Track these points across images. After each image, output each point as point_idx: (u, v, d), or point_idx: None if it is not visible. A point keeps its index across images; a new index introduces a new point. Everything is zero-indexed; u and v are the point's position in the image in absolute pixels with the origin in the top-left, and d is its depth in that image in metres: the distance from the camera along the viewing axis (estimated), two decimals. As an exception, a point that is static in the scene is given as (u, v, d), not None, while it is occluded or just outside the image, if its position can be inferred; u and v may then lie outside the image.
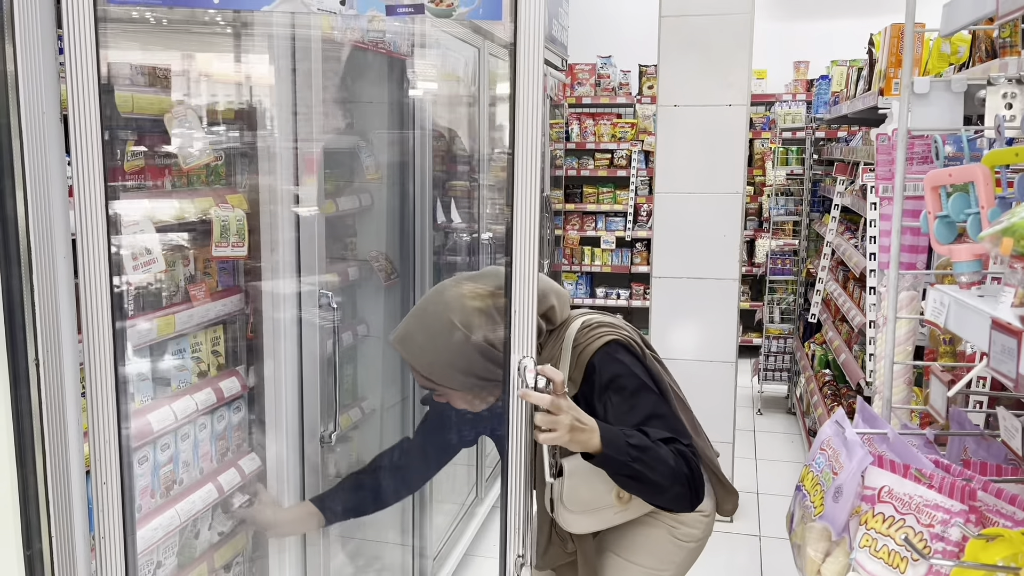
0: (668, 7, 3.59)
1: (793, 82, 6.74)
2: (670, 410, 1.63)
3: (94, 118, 1.28)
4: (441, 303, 1.61)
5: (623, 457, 1.45)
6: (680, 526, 1.75)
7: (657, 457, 1.48)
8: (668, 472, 1.49)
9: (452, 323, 1.58)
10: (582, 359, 1.60)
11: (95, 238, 1.30)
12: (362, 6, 1.19)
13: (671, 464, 1.50)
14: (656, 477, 1.49)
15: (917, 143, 1.64)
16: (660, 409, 1.60)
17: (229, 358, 2.02)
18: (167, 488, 1.78)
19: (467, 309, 1.59)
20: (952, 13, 1.36)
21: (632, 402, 1.58)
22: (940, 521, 1.20)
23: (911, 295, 1.69)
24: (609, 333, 1.63)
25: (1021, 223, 1.06)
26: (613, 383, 1.59)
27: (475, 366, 1.59)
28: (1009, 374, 1.02)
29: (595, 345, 1.61)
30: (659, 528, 1.74)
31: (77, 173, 1.26)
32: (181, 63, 1.84)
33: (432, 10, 1.18)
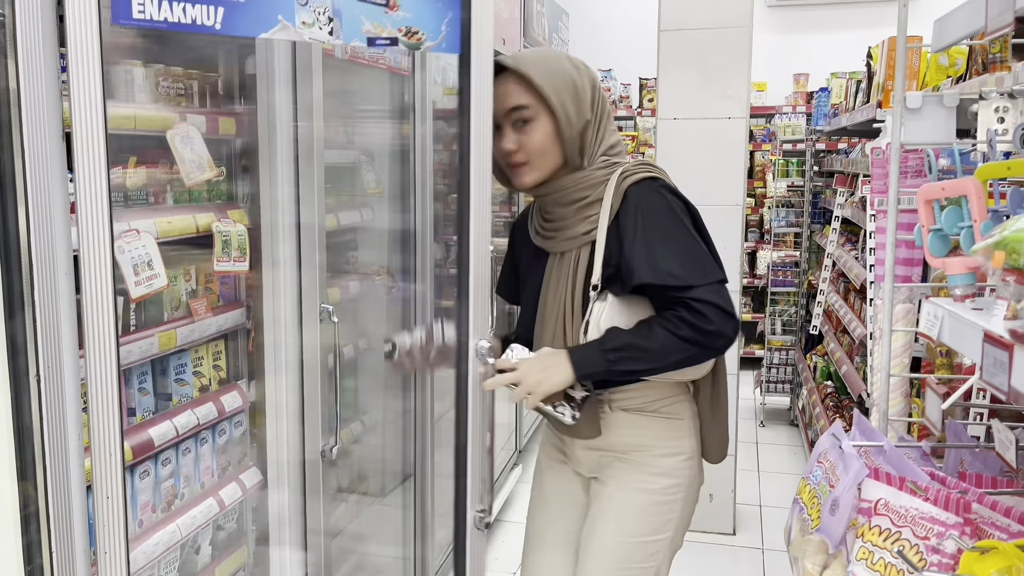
0: (667, 21, 3.61)
1: (793, 94, 6.77)
2: (703, 251, 1.62)
3: (97, 136, 1.29)
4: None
5: (601, 368, 1.54)
6: (659, 478, 1.70)
7: (639, 347, 1.53)
8: (660, 351, 1.53)
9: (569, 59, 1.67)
10: (622, 185, 1.62)
11: (98, 254, 1.31)
12: (348, 37, 1.36)
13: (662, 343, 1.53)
14: (650, 362, 1.55)
15: (911, 157, 1.65)
16: (691, 247, 1.59)
17: (230, 372, 2.04)
18: (168, 503, 1.79)
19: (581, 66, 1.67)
20: (943, 29, 1.37)
21: (662, 230, 1.58)
22: (936, 534, 1.21)
23: (907, 308, 1.70)
24: (660, 176, 1.66)
25: (1013, 237, 1.07)
26: (647, 208, 1.59)
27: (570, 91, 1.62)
28: (1001, 387, 1.02)
29: (640, 175, 1.63)
30: (640, 494, 1.71)
31: (80, 190, 1.28)
32: (183, 79, 1.86)
33: (405, 43, 1.38)
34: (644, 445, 1.70)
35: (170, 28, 1.28)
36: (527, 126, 1.62)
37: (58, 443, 1.31)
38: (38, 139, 1.25)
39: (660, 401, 1.70)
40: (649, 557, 1.71)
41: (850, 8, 6.78)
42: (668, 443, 1.71)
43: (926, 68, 2.90)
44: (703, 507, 3.75)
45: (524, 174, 1.65)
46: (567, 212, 1.67)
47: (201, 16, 1.28)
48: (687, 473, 1.73)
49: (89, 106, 1.27)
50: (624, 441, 1.70)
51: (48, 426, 1.29)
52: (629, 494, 1.71)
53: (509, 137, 1.63)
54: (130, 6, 1.24)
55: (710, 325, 1.53)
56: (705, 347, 1.55)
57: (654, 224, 1.58)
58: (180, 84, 1.84)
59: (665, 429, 1.71)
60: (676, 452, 1.71)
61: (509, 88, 1.62)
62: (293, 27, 1.34)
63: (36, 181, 1.26)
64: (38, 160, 1.26)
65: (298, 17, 1.33)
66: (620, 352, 1.53)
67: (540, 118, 1.61)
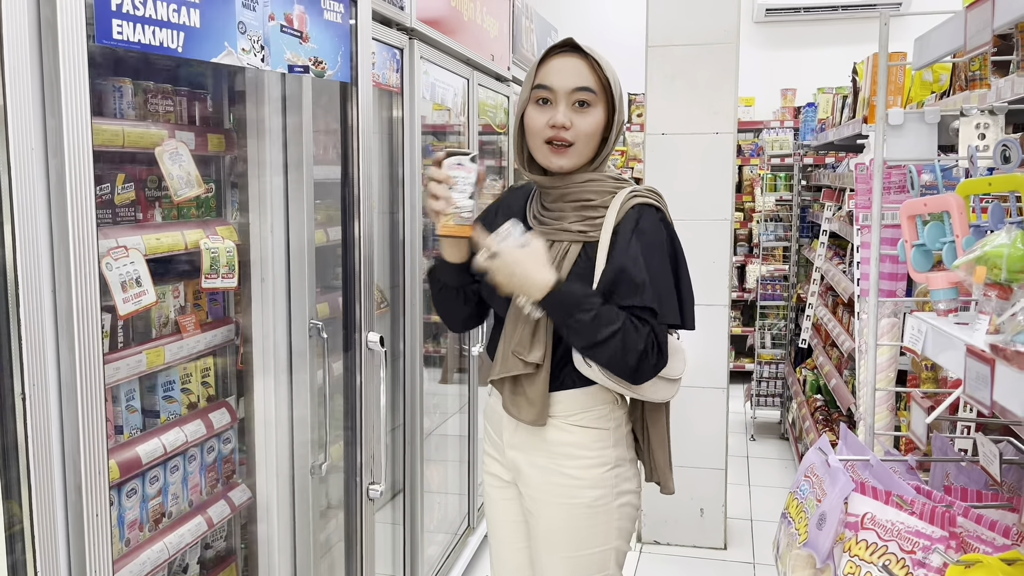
0: (654, 37, 3.64)
1: (780, 109, 6.83)
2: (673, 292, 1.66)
3: (84, 153, 1.30)
4: None
5: (560, 320, 1.61)
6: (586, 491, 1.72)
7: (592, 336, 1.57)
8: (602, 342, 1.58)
9: None
10: (628, 203, 1.66)
11: (85, 272, 1.31)
12: (275, 64, 1.55)
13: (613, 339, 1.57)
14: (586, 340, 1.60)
15: (894, 173, 1.67)
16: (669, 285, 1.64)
17: (219, 389, 2.03)
18: (156, 521, 1.78)
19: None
20: (923, 47, 1.40)
21: (651, 258, 1.62)
22: (922, 548, 1.22)
23: (892, 322, 1.71)
24: (664, 208, 1.71)
25: (994, 252, 1.09)
26: (643, 235, 1.64)
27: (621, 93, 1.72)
28: (983, 401, 1.03)
29: (647, 200, 1.67)
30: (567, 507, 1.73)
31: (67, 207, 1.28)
32: (172, 96, 1.87)
33: (313, 71, 1.63)
34: (568, 454, 1.72)
35: (143, 49, 1.36)
36: (585, 109, 1.65)
37: (43, 462, 1.30)
38: (24, 156, 1.25)
39: (585, 412, 1.72)
40: (600, 567, 1.75)
41: (836, 24, 6.86)
42: (591, 453, 1.72)
43: (910, 84, 2.93)
44: (694, 521, 3.78)
45: (564, 156, 1.67)
46: (567, 208, 1.70)
47: (167, 39, 1.39)
48: (613, 482, 1.74)
49: (75, 124, 1.28)
50: (549, 448, 1.73)
51: (34, 445, 1.29)
52: (557, 509, 1.73)
53: (565, 113, 1.64)
54: (110, 27, 1.31)
55: (649, 356, 1.60)
56: (636, 369, 1.61)
57: (645, 250, 1.63)
58: (169, 101, 1.85)
59: (589, 439, 1.72)
60: (600, 463, 1.72)
61: (581, 68, 1.65)
62: (236, 53, 1.48)
63: (22, 199, 1.25)
64: (24, 177, 1.26)
65: (239, 44, 1.48)
66: (579, 324, 1.58)
67: (598, 107, 1.66)
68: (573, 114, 1.65)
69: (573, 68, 1.65)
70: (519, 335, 1.70)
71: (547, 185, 1.72)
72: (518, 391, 1.72)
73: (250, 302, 2.03)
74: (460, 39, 3.06)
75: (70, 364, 1.32)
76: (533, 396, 1.69)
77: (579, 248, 1.69)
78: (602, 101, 1.66)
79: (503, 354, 1.73)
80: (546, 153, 1.67)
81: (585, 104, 1.65)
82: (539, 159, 1.70)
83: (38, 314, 1.28)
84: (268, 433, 2.08)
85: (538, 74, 1.68)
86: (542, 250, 1.63)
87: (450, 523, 3.36)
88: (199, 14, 1.45)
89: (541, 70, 1.68)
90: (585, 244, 1.69)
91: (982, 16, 1.14)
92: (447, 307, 1.88)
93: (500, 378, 1.74)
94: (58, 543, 1.34)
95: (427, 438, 2.89)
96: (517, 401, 1.72)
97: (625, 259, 1.62)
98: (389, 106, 2.63)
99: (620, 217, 1.66)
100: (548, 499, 1.75)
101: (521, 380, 1.71)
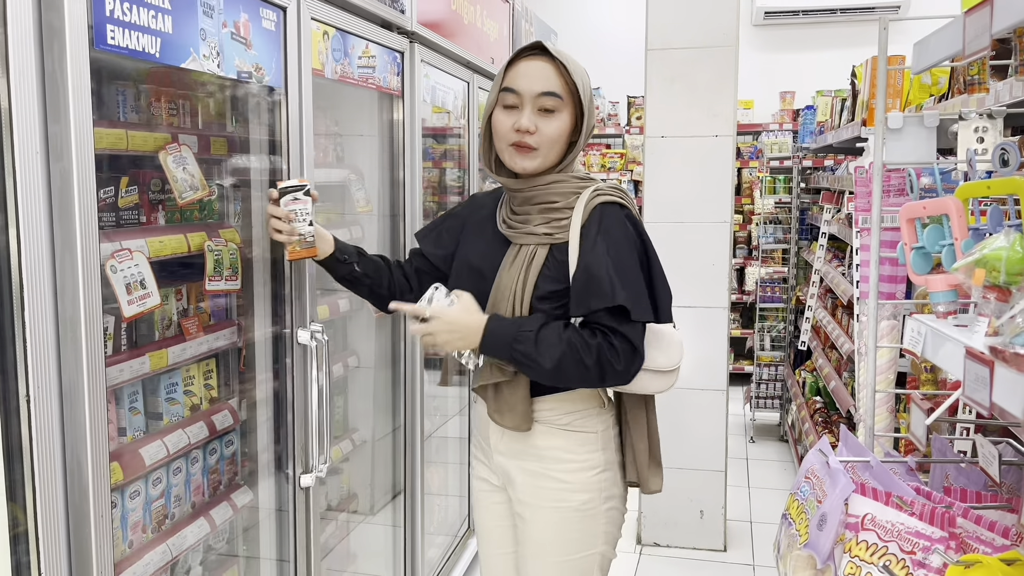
0: (654, 40, 3.66)
1: (780, 112, 6.84)
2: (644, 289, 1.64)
3: (87, 157, 1.31)
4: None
5: (504, 357, 1.63)
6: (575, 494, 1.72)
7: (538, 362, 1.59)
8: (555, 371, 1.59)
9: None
10: (592, 203, 1.66)
11: (89, 275, 1.32)
12: (227, 70, 1.66)
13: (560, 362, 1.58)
14: (544, 378, 1.63)
15: (893, 176, 1.68)
16: (636, 282, 1.62)
17: (221, 391, 2.04)
18: (158, 523, 1.78)
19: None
20: (922, 52, 1.41)
21: (619, 257, 1.61)
22: (921, 548, 1.22)
23: (891, 324, 1.72)
24: (628, 204, 1.69)
25: (993, 255, 1.10)
26: (607, 233, 1.62)
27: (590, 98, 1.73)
28: (982, 402, 1.04)
29: (611, 199, 1.66)
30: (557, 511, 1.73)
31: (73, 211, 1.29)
32: (176, 99, 1.88)
33: (255, 76, 1.74)
34: (556, 458, 1.73)
35: (131, 54, 1.41)
36: (550, 115, 1.66)
37: (48, 464, 1.31)
38: (29, 160, 1.26)
39: (570, 415, 1.73)
40: (586, 572, 1.75)
41: (835, 27, 6.87)
42: (579, 457, 1.73)
43: (909, 87, 2.95)
44: (694, 523, 3.79)
45: (528, 159, 1.67)
46: (532, 210, 1.71)
47: (148, 45, 1.44)
48: (601, 486, 1.74)
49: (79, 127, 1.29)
50: (538, 452, 1.74)
51: (38, 447, 1.30)
52: (547, 513, 1.74)
53: (530, 117, 1.65)
54: (105, 33, 1.35)
55: (618, 364, 1.60)
56: (601, 380, 1.61)
57: (611, 250, 1.62)
58: (173, 104, 1.86)
59: (576, 443, 1.73)
60: (589, 466, 1.72)
61: (548, 73, 1.65)
62: (199, 59, 1.57)
63: (27, 202, 1.26)
64: (29, 180, 1.26)
65: (201, 51, 1.57)
66: (524, 356, 1.60)
67: (564, 112, 1.66)
68: (538, 119, 1.65)
69: (540, 72, 1.65)
70: None
71: (513, 188, 1.72)
72: (500, 398, 1.73)
73: (252, 304, 2.04)
74: (460, 42, 3.07)
75: (74, 366, 1.33)
76: (514, 402, 1.70)
77: (546, 251, 1.68)
78: (569, 105, 1.66)
79: (486, 362, 1.74)
80: (511, 155, 1.68)
81: (549, 110, 1.65)
82: (505, 161, 1.71)
83: (43, 316, 1.29)
84: (269, 434, 2.09)
85: (506, 77, 1.68)
86: (470, 300, 1.67)
87: (450, 525, 3.36)
88: (171, 21, 1.49)
89: (509, 73, 1.68)
90: (552, 247, 1.68)
91: (981, 21, 1.15)
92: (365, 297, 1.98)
93: (483, 387, 1.75)
94: (60, 545, 1.34)
95: (427, 440, 2.90)
96: (500, 408, 1.73)
97: (591, 260, 1.62)
98: (390, 109, 2.64)
99: (585, 217, 1.66)
100: (537, 503, 1.75)
101: (503, 387, 1.72)
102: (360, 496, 2.83)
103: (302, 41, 1.92)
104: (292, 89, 1.88)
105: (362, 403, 2.80)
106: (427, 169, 3.06)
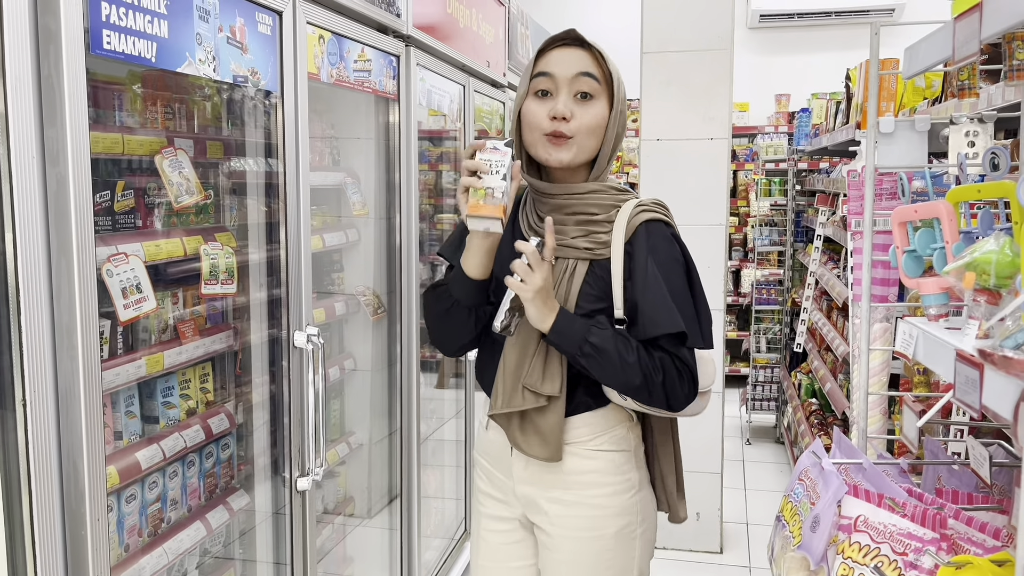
0: (649, 43, 3.67)
1: (775, 114, 6.86)
2: (694, 312, 1.54)
3: (83, 161, 1.31)
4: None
5: (569, 351, 1.49)
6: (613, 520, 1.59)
7: (613, 363, 1.47)
8: (624, 380, 1.48)
9: None
10: (635, 219, 1.55)
11: (85, 279, 1.32)
12: (223, 75, 1.67)
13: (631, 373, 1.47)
14: (609, 380, 1.50)
15: (885, 180, 1.69)
16: (689, 305, 1.53)
17: (218, 395, 2.04)
18: (155, 527, 1.79)
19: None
20: (913, 57, 1.42)
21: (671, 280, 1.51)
22: (913, 549, 1.23)
23: (884, 327, 1.73)
24: (672, 221, 1.59)
25: (983, 258, 1.11)
26: (658, 254, 1.52)
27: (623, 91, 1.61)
28: (973, 405, 1.05)
29: (656, 216, 1.55)
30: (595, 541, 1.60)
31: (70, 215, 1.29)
32: (172, 103, 1.88)
33: (251, 80, 1.75)
34: (591, 483, 1.59)
35: (127, 59, 1.41)
36: (587, 101, 1.54)
37: (44, 468, 1.31)
38: (25, 164, 1.27)
39: (602, 436, 1.60)
40: None
41: (830, 30, 6.90)
42: (615, 479, 1.59)
43: (903, 89, 2.96)
44: (690, 525, 3.79)
45: (564, 150, 1.54)
46: (568, 220, 1.58)
47: (144, 50, 1.45)
48: (639, 508, 1.62)
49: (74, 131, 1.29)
50: (570, 479, 1.59)
51: (35, 451, 1.30)
52: (582, 544, 1.59)
53: (566, 103, 1.53)
54: (101, 38, 1.36)
55: (677, 386, 1.50)
56: (664, 398, 1.51)
57: (664, 272, 1.52)
58: (169, 108, 1.86)
59: (611, 464, 1.60)
60: (626, 487, 1.60)
61: (584, 58, 1.55)
62: (195, 63, 1.57)
63: (23, 206, 1.27)
64: (25, 185, 1.27)
65: (197, 55, 1.57)
66: (595, 352, 1.48)
67: (600, 99, 1.55)
68: (575, 106, 1.53)
69: (575, 57, 1.54)
70: (530, 364, 1.56)
71: (546, 191, 1.59)
72: (527, 426, 1.57)
73: (248, 308, 2.04)
74: (456, 46, 3.08)
75: (70, 370, 1.33)
76: (547, 430, 1.54)
77: (586, 266, 1.56)
78: (605, 95, 1.55)
79: (508, 385, 1.57)
80: (545, 145, 1.54)
81: (588, 96, 1.54)
82: (538, 153, 1.56)
83: (39, 320, 1.29)
84: (266, 438, 2.09)
85: (537, 64, 1.57)
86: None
87: (447, 528, 3.37)
88: (167, 25, 1.50)
89: (541, 60, 1.57)
90: (592, 262, 1.56)
91: (970, 27, 1.16)
92: (452, 328, 1.67)
93: (509, 415, 1.57)
94: (57, 548, 1.35)
95: (423, 443, 2.90)
96: (528, 438, 1.56)
97: (647, 284, 1.51)
98: (386, 112, 2.64)
99: (629, 235, 1.54)
100: (569, 533, 1.60)
101: (530, 413, 1.56)
102: (357, 499, 2.84)
103: (298, 45, 1.93)
104: (288, 93, 1.89)
105: (358, 406, 2.80)
106: (423, 172, 3.06)
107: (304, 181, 1.98)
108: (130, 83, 1.76)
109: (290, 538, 2.03)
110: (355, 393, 2.79)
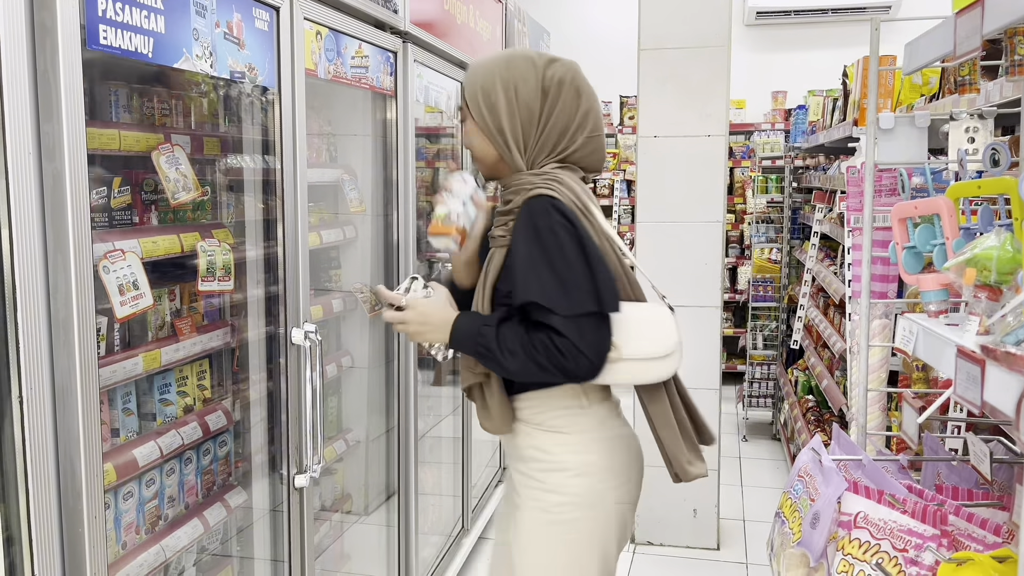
0: (646, 40, 3.66)
1: (772, 111, 6.86)
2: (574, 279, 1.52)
3: (80, 157, 1.31)
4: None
5: (470, 352, 1.63)
6: (549, 495, 1.65)
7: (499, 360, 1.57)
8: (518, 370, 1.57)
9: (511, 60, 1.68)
10: (523, 198, 1.61)
11: (81, 275, 1.32)
12: (220, 70, 1.68)
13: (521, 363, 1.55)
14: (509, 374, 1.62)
15: (885, 176, 1.69)
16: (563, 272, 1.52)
17: (215, 392, 2.03)
18: (152, 524, 1.78)
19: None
20: (913, 52, 1.41)
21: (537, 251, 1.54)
22: (913, 546, 1.23)
23: (883, 323, 1.73)
24: (556, 194, 1.58)
25: (983, 254, 1.11)
26: (529, 226, 1.56)
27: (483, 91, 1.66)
28: (974, 401, 1.05)
29: (538, 191, 1.58)
30: (535, 511, 1.67)
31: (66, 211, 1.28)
32: (168, 100, 1.87)
33: (248, 76, 1.77)
34: (532, 457, 1.69)
35: (124, 55, 1.41)
36: (464, 124, 1.74)
37: (41, 466, 1.31)
38: (22, 161, 1.26)
39: (546, 414, 1.67)
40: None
41: (826, 27, 6.90)
42: (552, 456, 1.66)
43: (900, 86, 2.96)
44: (687, 522, 3.80)
45: (478, 163, 1.75)
46: (497, 213, 1.71)
47: (140, 45, 1.45)
48: (576, 491, 1.64)
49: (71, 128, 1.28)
50: (520, 452, 1.72)
51: (31, 449, 1.29)
52: (528, 512, 1.69)
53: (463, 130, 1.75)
54: (98, 33, 1.36)
55: (563, 360, 1.51)
56: (562, 375, 1.55)
57: (531, 244, 1.55)
58: (165, 105, 1.85)
59: (551, 442, 1.67)
60: (561, 467, 1.65)
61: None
62: (192, 59, 1.58)
63: (20, 203, 1.26)
64: (22, 182, 1.26)
65: (194, 51, 1.58)
66: (486, 350, 1.59)
67: (468, 116, 1.71)
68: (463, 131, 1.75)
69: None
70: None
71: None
72: (481, 403, 1.73)
73: (245, 305, 2.03)
74: (453, 42, 3.07)
75: (67, 367, 1.32)
76: (492, 405, 1.69)
77: (503, 253, 1.63)
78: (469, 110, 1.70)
79: (462, 366, 1.73)
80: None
81: (463, 120, 1.73)
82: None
83: (35, 317, 1.28)
84: (263, 435, 2.08)
85: None
86: (445, 295, 1.69)
87: (444, 525, 3.36)
88: (164, 20, 1.50)
89: None
90: (509, 249, 1.62)
91: (971, 22, 1.15)
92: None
93: (469, 389, 1.74)
94: (54, 546, 1.34)
95: (421, 440, 2.90)
96: (481, 412, 1.73)
97: (512, 261, 1.58)
98: (383, 108, 2.63)
99: (518, 215, 1.61)
100: (521, 503, 1.70)
101: (484, 391, 1.70)
102: (354, 496, 2.83)
103: (295, 41, 1.92)
104: (285, 89, 1.88)
105: (356, 403, 2.80)
106: (420, 169, 3.06)
107: (301, 178, 1.97)
108: (127, 79, 1.75)
109: (287, 535, 2.03)
110: (352, 390, 2.79)
